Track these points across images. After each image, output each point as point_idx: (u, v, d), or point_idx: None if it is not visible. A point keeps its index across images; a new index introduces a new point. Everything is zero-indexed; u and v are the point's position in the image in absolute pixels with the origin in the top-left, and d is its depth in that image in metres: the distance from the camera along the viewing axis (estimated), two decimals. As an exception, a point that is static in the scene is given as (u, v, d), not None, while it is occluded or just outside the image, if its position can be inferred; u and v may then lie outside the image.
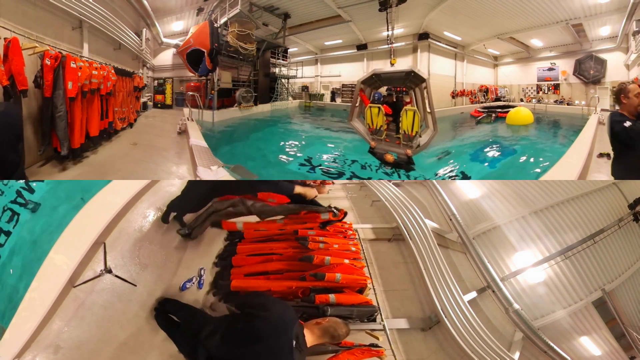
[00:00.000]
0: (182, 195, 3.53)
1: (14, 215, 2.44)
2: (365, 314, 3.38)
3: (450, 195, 6.44)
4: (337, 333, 2.28)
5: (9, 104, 3.32)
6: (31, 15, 4.73)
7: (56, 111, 4.28)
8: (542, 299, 5.96)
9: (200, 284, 3.45)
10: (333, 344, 2.57)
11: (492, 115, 12.38)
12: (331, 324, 2.30)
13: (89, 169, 4.79)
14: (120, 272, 2.97)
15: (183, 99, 11.07)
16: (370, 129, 6.48)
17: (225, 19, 10.00)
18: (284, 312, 2.15)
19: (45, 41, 4.79)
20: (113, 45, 7.90)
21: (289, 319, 2.13)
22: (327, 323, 2.30)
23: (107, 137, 6.19)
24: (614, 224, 6.64)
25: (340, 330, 2.29)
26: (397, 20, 10.25)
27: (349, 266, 3.48)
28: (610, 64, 11.71)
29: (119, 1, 8.34)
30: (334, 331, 2.28)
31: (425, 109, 6.44)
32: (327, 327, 2.28)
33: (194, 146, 5.41)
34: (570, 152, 5.47)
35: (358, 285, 3.42)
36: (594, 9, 10.09)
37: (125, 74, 7.51)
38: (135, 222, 3.48)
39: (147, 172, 4.89)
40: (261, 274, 3.45)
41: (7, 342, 2.22)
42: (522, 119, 10.64)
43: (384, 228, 5.62)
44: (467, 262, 5.67)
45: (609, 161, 5.41)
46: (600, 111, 9.78)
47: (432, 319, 4.38)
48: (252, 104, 11.46)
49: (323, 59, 15.55)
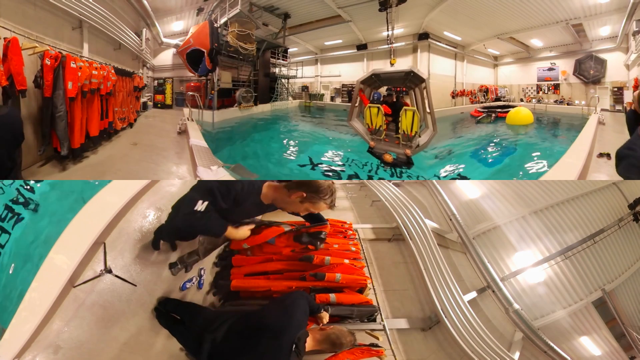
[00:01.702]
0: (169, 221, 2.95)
1: (13, 215, 2.44)
2: (365, 314, 3.38)
3: (450, 195, 6.44)
4: (339, 341, 2.27)
5: (11, 108, 3.31)
6: (31, 15, 4.73)
7: (56, 111, 4.28)
8: (542, 299, 5.96)
9: (200, 284, 3.46)
10: (333, 351, 2.52)
11: (492, 115, 12.37)
12: (335, 332, 2.29)
13: (89, 169, 4.79)
14: (120, 272, 2.97)
15: (183, 99, 11.07)
16: (370, 128, 6.48)
17: (225, 19, 10.00)
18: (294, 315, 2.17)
19: (45, 41, 4.79)
20: (113, 45, 7.90)
21: (298, 323, 2.15)
22: (331, 330, 2.30)
23: (107, 137, 6.19)
24: (614, 224, 6.64)
25: (343, 339, 2.29)
26: (397, 20, 10.25)
27: (349, 266, 3.48)
28: (610, 64, 11.70)
29: (119, 1, 8.34)
30: (336, 339, 2.27)
31: (425, 109, 6.44)
32: (330, 334, 2.28)
33: (194, 146, 5.41)
34: (570, 152, 5.47)
35: (358, 285, 3.42)
36: (594, 9, 10.08)
37: (125, 74, 7.51)
38: (135, 222, 3.48)
39: (147, 172, 4.89)
40: (261, 274, 3.45)
41: (7, 342, 2.21)
42: (522, 119, 10.64)
43: (384, 228, 5.61)
44: (467, 262, 5.66)
45: (608, 161, 5.42)
46: (600, 111, 9.79)
47: (432, 319, 4.38)
48: (252, 104, 11.46)
49: (323, 59, 15.54)
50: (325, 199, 2.08)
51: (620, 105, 11.08)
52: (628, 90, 10.75)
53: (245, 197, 2.19)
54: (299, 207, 2.14)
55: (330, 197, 2.11)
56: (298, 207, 2.14)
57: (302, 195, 2.07)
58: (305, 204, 2.08)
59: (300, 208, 2.14)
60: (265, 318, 2.17)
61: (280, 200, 2.23)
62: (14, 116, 2.32)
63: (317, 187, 2.08)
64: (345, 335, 2.31)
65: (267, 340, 2.05)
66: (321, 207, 2.08)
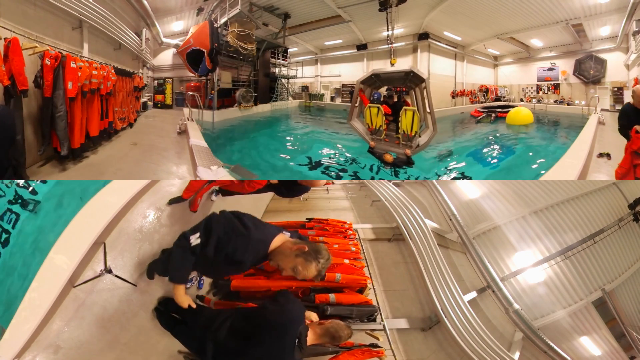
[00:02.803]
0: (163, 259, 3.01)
1: (13, 215, 2.44)
2: (365, 314, 3.39)
3: (450, 195, 6.44)
4: (338, 334, 2.34)
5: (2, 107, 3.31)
6: (31, 15, 4.73)
7: (56, 111, 4.28)
8: (542, 299, 5.96)
9: (200, 284, 3.46)
10: (333, 344, 2.60)
11: (492, 115, 12.37)
12: (333, 325, 2.36)
13: (89, 169, 4.79)
14: (120, 272, 2.97)
15: (183, 99, 11.06)
16: (370, 128, 6.48)
17: (225, 19, 9.99)
18: (293, 310, 2.22)
19: (45, 41, 4.79)
20: (113, 45, 7.90)
21: (297, 318, 2.20)
22: (330, 324, 2.36)
23: (107, 137, 6.19)
24: (614, 224, 6.65)
25: (342, 332, 2.35)
26: (397, 20, 10.24)
27: (349, 266, 3.48)
28: (610, 64, 11.70)
29: (119, 1, 8.34)
30: (335, 332, 2.33)
31: (425, 109, 6.43)
32: (329, 328, 2.34)
33: (194, 146, 5.41)
34: (570, 152, 5.47)
35: (358, 285, 3.42)
36: (594, 9, 10.08)
37: (125, 74, 7.51)
38: (135, 222, 3.48)
39: (147, 172, 4.89)
40: (261, 274, 3.45)
41: (7, 342, 2.21)
42: (522, 119, 10.63)
43: (384, 228, 5.62)
44: (467, 262, 5.67)
45: (609, 161, 5.42)
46: (600, 111, 9.79)
47: (432, 319, 4.38)
48: (252, 104, 11.45)
49: (323, 59, 15.54)
50: (320, 261, 2.06)
51: (620, 105, 11.07)
52: (628, 90, 10.75)
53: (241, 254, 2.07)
54: (290, 261, 2.08)
55: (323, 263, 2.08)
56: (290, 260, 2.08)
57: (303, 250, 2.05)
58: (299, 258, 2.05)
59: (291, 263, 2.07)
60: (266, 315, 2.20)
61: (279, 250, 2.15)
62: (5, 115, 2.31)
63: (318, 249, 2.10)
64: (342, 328, 2.38)
65: (270, 336, 2.09)
66: (311, 270, 2.04)
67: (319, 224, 4.50)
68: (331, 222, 4.63)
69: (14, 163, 2.54)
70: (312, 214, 5.20)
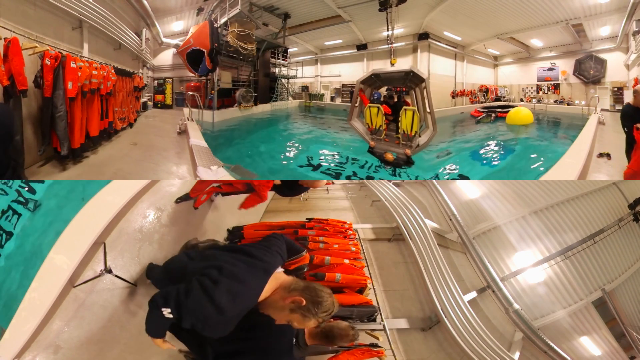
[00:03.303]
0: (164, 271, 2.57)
1: (14, 215, 2.44)
2: (365, 314, 3.38)
3: (450, 195, 6.44)
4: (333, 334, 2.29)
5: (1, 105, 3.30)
6: (31, 15, 4.73)
7: (56, 111, 4.28)
8: (542, 299, 5.96)
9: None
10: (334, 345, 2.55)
11: (492, 115, 12.37)
12: (334, 325, 2.31)
13: (89, 169, 4.79)
14: (120, 272, 2.97)
15: (183, 99, 11.06)
16: (370, 128, 6.48)
17: (225, 19, 9.99)
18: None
19: (45, 41, 4.79)
20: (113, 45, 7.90)
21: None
22: (330, 324, 2.32)
23: (107, 137, 6.19)
24: (614, 224, 6.65)
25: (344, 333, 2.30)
26: (397, 20, 10.24)
27: (349, 266, 3.48)
28: (610, 64, 11.70)
29: (119, 1, 8.34)
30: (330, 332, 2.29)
31: (425, 109, 6.43)
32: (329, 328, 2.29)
33: (194, 146, 5.41)
34: (570, 152, 5.46)
35: (358, 285, 3.42)
36: (594, 9, 10.08)
37: (125, 74, 7.51)
38: (135, 222, 3.48)
39: (147, 172, 4.88)
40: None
41: (7, 342, 2.21)
42: (522, 119, 10.63)
43: (384, 228, 5.62)
44: (467, 262, 5.67)
45: (609, 161, 5.42)
46: (600, 111, 9.79)
47: (432, 319, 4.38)
48: (252, 104, 11.45)
49: (323, 59, 15.53)
50: (321, 316, 1.75)
51: (620, 105, 11.07)
52: (628, 90, 10.75)
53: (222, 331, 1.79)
54: (284, 317, 1.78)
55: (325, 317, 1.78)
56: (284, 316, 1.78)
57: (300, 304, 1.74)
58: (295, 314, 1.74)
59: (285, 318, 1.78)
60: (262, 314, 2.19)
61: (270, 302, 1.84)
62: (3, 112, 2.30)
63: (318, 300, 1.75)
64: (347, 329, 2.33)
65: (269, 335, 2.08)
66: (309, 325, 1.76)
67: (319, 224, 4.48)
68: (331, 222, 4.62)
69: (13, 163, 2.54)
70: (312, 213, 5.19)
